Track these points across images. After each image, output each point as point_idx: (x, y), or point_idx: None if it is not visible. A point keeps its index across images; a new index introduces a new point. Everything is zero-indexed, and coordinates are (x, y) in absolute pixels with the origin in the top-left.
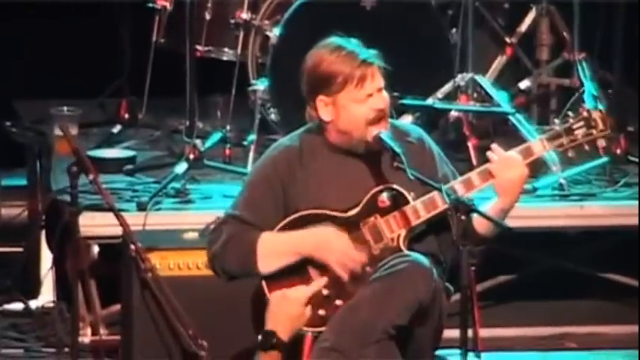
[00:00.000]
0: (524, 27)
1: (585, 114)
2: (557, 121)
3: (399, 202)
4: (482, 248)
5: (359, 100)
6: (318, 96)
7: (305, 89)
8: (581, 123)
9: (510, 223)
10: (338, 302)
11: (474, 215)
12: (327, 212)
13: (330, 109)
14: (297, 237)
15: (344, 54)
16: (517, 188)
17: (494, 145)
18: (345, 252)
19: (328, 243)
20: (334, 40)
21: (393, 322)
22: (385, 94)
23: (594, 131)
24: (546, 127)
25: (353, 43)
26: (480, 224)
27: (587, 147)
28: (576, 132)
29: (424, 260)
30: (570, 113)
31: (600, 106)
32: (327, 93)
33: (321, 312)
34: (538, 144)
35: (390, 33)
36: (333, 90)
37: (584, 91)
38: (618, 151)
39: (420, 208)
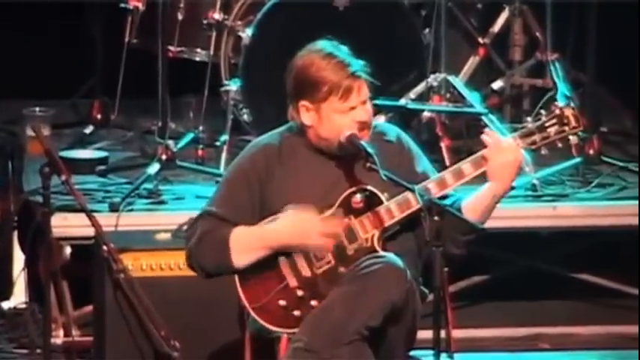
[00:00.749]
0: (497, 27)
1: (557, 111)
2: (529, 119)
3: (372, 202)
4: (469, 238)
5: (341, 111)
6: (302, 101)
7: (289, 90)
8: (554, 120)
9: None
10: (313, 303)
11: (464, 204)
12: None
13: (312, 114)
14: (270, 230)
15: (334, 62)
16: (509, 173)
17: (487, 130)
18: (319, 231)
19: (302, 229)
20: (326, 44)
21: (365, 323)
22: (369, 106)
23: (566, 128)
24: (519, 126)
25: (344, 52)
26: (472, 211)
27: (559, 144)
28: (549, 129)
29: (398, 261)
30: (543, 111)
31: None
32: (311, 100)
33: (297, 313)
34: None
35: (362, 33)
36: (317, 98)
37: (556, 90)
38: (591, 152)
39: (394, 209)
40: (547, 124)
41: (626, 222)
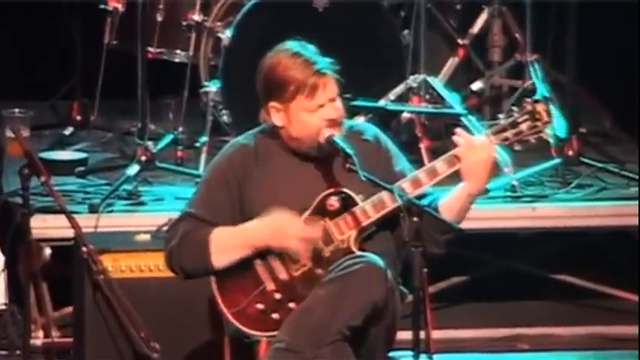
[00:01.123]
0: (476, 28)
1: (529, 107)
2: (501, 116)
3: (348, 204)
4: (448, 237)
5: (310, 110)
6: (271, 101)
7: (259, 91)
8: (526, 116)
9: (462, 224)
10: (291, 305)
11: (441, 202)
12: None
13: (281, 115)
14: (250, 230)
15: (300, 61)
16: (483, 172)
17: (459, 129)
18: (300, 233)
19: (282, 229)
20: (293, 44)
21: (347, 323)
22: (338, 103)
23: (539, 123)
24: (491, 123)
25: (310, 50)
26: (448, 211)
27: (532, 140)
28: (521, 125)
29: (379, 261)
30: (515, 108)
31: (545, 99)
32: (280, 100)
33: (275, 316)
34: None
35: (342, 34)
36: (285, 98)
37: (527, 87)
38: (570, 153)
39: (369, 209)
40: (519, 120)
41: (606, 223)
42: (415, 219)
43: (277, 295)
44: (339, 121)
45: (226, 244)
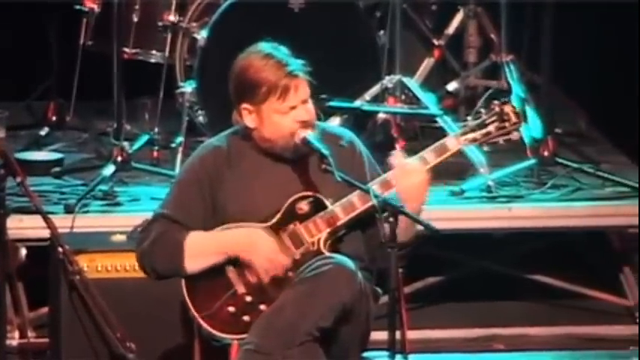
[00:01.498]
0: (451, 29)
1: (497, 109)
2: (469, 117)
3: (318, 207)
4: (403, 252)
5: (282, 112)
6: (243, 103)
7: (231, 93)
8: (494, 118)
9: (438, 225)
10: (262, 307)
11: None
12: (250, 224)
13: (253, 117)
14: (225, 237)
15: (272, 63)
16: (418, 194)
17: (395, 152)
18: (270, 256)
19: (255, 245)
20: (265, 46)
21: (316, 323)
22: (310, 105)
23: (507, 124)
24: (460, 124)
25: (282, 52)
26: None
27: (501, 141)
28: (489, 127)
29: (348, 262)
30: (483, 110)
31: (514, 102)
32: (251, 102)
33: (246, 318)
34: (452, 140)
35: (318, 34)
36: (257, 99)
37: (499, 88)
38: (546, 153)
39: (339, 212)
40: (487, 122)
41: (581, 223)
42: (391, 219)
43: (248, 298)
44: (311, 122)
45: (200, 250)
